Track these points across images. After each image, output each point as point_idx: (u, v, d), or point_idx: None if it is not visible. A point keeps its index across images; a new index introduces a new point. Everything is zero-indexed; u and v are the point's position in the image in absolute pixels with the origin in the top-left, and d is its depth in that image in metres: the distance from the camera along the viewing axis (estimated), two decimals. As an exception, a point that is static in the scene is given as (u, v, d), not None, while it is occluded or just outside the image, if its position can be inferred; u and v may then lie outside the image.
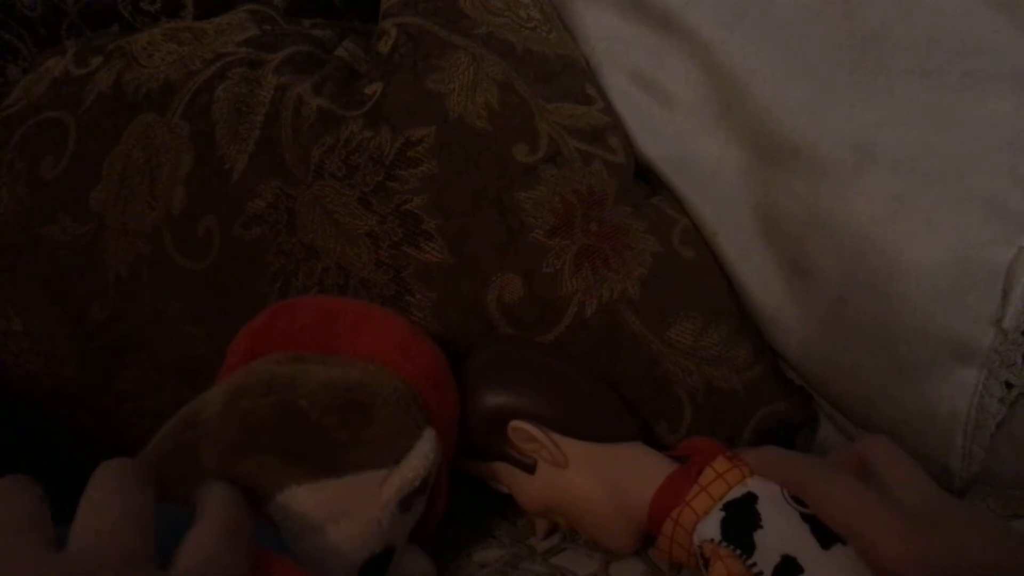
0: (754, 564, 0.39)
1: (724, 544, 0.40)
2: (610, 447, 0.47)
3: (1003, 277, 0.44)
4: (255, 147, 0.54)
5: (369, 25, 0.61)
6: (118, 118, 0.56)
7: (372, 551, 0.38)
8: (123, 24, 0.65)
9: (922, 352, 0.47)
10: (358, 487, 0.37)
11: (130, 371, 0.56)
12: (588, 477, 0.46)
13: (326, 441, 0.37)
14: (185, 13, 0.65)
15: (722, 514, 0.42)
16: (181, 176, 0.54)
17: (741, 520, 0.41)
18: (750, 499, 0.42)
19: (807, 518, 0.40)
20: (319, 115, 0.53)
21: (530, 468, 0.47)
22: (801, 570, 0.38)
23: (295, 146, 0.53)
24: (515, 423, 0.46)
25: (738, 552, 0.40)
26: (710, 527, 0.41)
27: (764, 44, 0.51)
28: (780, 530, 0.40)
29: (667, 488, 0.44)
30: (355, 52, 0.58)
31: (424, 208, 0.52)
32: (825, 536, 0.39)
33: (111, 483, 0.29)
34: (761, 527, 0.40)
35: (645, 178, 0.58)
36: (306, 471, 0.36)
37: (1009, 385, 0.46)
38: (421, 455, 0.39)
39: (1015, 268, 0.44)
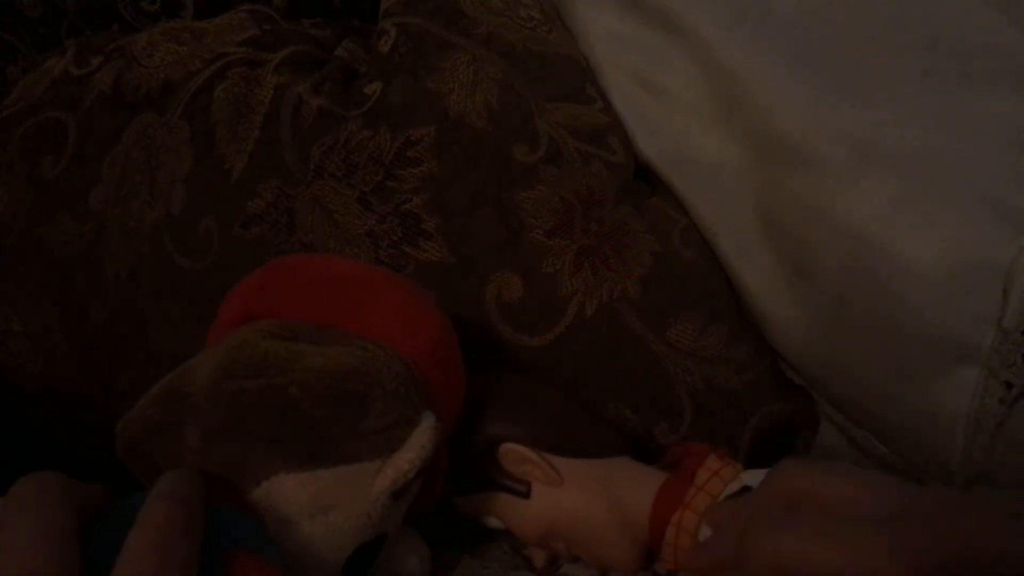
0: None
1: None
2: (600, 462, 0.47)
3: (1003, 277, 0.44)
4: (255, 147, 0.54)
5: (369, 25, 0.61)
6: (118, 118, 0.56)
7: (361, 541, 0.37)
8: (123, 24, 0.65)
9: (922, 352, 0.47)
10: (350, 479, 0.36)
11: (130, 371, 0.55)
12: (584, 493, 0.46)
13: (318, 432, 0.35)
14: (185, 13, 0.65)
15: None
16: (181, 176, 0.54)
17: None
18: (747, 492, 0.42)
19: None
20: (319, 115, 0.53)
21: (525, 492, 0.46)
22: None
23: (295, 146, 0.53)
24: (506, 445, 0.46)
25: None
26: None
27: (765, 44, 0.51)
28: None
29: (664, 494, 0.44)
30: (355, 52, 0.58)
31: (424, 208, 0.52)
32: None
33: (28, 508, 0.27)
34: None
35: (645, 178, 0.58)
36: (295, 460, 0.35)
37: (1009, 385, 0.46)
38: (417, 446, 0.37)
39: (1015, 268, 0.44)
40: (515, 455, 0.46)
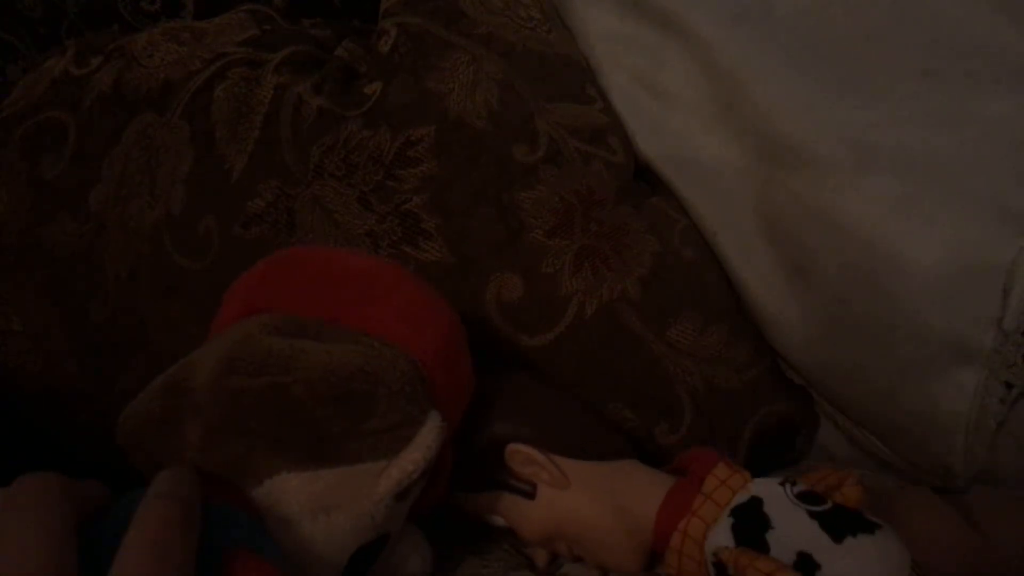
0: None
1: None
2: (607, 464, 0.47)
3: (1004, 277, 0.44)
4: (255, 147, 0.54)
5: (369, 25, 0.61)
6: (118, 118, 0.56)
7: (363, 542, 0.37)
8: (123, 24, 0.65)
9: (922, 352, 0.47)
10: (353, 479, 0.35)
11: (130, 371, 0.55)
12: (590, 495, 0.45)
13: (321, 432, 0.35)
14: (185, 13, 0.65)
15: (731, 520, 0.41)
16: (181, 176, 0.54)
17: (751, 524, 0.41)
18: (756, 503, 0.41)
19: (815, 515, 0.40)
20: (319, 115, 0.53)
21: (530, 494, 0.46)
22: (818, 566, 0.38)
23: (295, 146, 0.53)
24: (513, 446, 0.45)
25: None
26: (722, 535, 0.41)
27: (765, 44, 0.51)
28: (791, 529, 0.40)
29: (672, 500, 0.44)
30: (355, 52, 0.58)
31: (423, 207, 0.52)
32: (836, 531, 0.39)
33: (28, 508, 0.27)
34: (772, 528, 0.40)
35: (645, 178, 0.58)
36: (298, 460, 0.34)
37: (1009, 385, 0.46)
38: (423, 446, 0.37)
39: (1015, 268, 0.44)
40: (521, 456, 0.45)
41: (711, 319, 0.53)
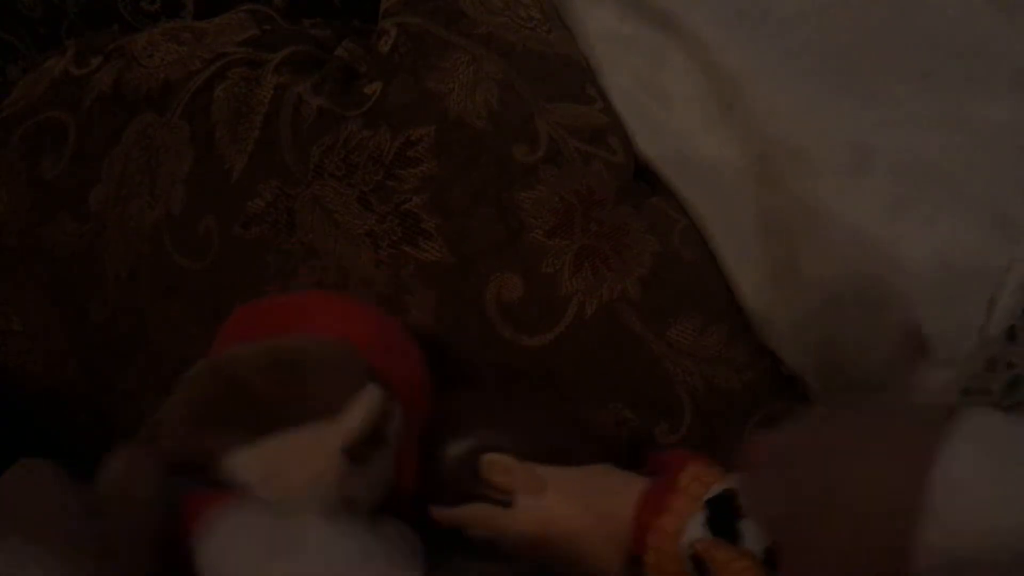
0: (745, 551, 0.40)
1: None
2: (582, 469, 0.47)
3: (992, 287, 0.44)
4: (255, 147, 0.54)
5: (369, 25, 0.61)
6: (118, 118, 0.56)
7: (326, 502, 0.40)
8: (123, 24, 0.65)
9: (907, 353, 0.47)
10: (297, 441, 0.39)
11: (130, 371, 0.56)
12: (567, 500, 0.45)
13: (260, 401, 0.40)
14: (185, 13, 0.65)
15: (706, 512, 0.42)
16: (181, 176, 0.54)
17: (724, 514, 0.41)
18: (730, 494, 0.42)
19: None
20: (319, 115, 0.53)
21: (508, 503, 0.46)
22: None
23: (295, 146, 0.53)
24: (488, 456, 0.46)
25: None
26: (695, 527, 0.41)
27: (764, 45, 0.51)
28: None
29: (647, 498, 0.44)
30: (355, 52, 0.58)
31: (423, 207, 0.52)
32: None
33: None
34: (744, 517, 0.41)
35: (645, 178, 0.58)
36: (244, 433, 0.39)
37: (967, 392, 0.47)
38: (363, 407, 0.40)
39: (1005, 279, 0.44)
40: (497, 465, 0.46)
41: (711, 319, 0.53)
